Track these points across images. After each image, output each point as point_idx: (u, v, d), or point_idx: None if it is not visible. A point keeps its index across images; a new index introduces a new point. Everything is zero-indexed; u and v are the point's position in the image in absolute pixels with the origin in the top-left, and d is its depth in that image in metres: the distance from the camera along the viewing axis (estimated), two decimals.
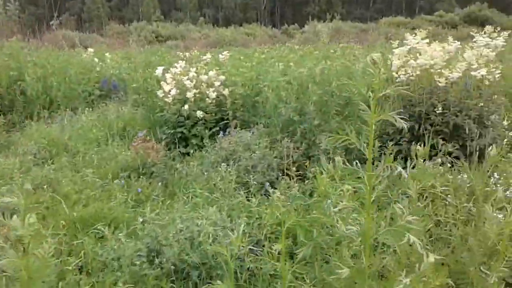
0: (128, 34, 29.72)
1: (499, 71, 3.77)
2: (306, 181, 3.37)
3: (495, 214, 1.67)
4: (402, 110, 3.91)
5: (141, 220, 2.76)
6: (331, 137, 1.54)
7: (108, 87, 8.28)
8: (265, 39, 27.09)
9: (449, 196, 2.92)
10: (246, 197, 3.17)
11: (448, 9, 35.89)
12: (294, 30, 34.44)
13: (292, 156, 3.68)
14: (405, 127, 1.39)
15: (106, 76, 8.47)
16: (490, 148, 2.15)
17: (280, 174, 3.62)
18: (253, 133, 4.10)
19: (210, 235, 2.38)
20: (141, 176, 3.93)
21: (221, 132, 4.45)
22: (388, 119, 1.51)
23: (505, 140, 4.05)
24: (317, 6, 50.71)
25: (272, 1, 57.15)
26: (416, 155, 1.92)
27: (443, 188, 2.81)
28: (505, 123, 4.12)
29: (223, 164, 3.48)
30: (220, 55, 7.14)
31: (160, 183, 3.74)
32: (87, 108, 6.85)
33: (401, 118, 3.79)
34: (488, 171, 2.67)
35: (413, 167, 3.38)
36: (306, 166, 3.66)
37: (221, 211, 2.91)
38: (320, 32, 21.11)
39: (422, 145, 3.76)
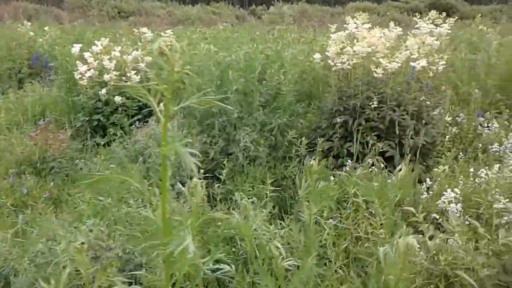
0: (89, 8, 28.73)
1: (444, 62, 3.41)
2: (218, 185, 2.92)
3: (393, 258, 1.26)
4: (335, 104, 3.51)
5: None
6: (92, 181, 1.06)
7: (41, 65, 7.49)
8: (232, 19, 26.50)
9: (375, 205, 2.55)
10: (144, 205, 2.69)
11: None
12: (262, 11, 33.70)
13: (208, 153, 3.22)
14: (195, 169, 0.93)
15: (38, 53, 7.66)
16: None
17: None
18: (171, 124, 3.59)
19: (67, 262, 1.89)
20: (35, 173, 3.38)
21: (137, 122, 3.92)
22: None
23: (447, 137, 3.74)
24: None
25: None
26: (310, 171, 1.49)
27: (365, 198, 2.43)
28: (448, 118, 3.79)
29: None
30: (162, 34, 6.51)
31: (53, 183, 3.20)
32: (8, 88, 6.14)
33: (335, 111, 3.33)
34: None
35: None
36: (224, 165, 3.21)
37: (109, 224, 2.42)
38: (284, 13, 20.69)
39: (355, 141, 3.38)
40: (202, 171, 2.91)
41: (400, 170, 1.90)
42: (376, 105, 3.23)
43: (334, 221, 2.34)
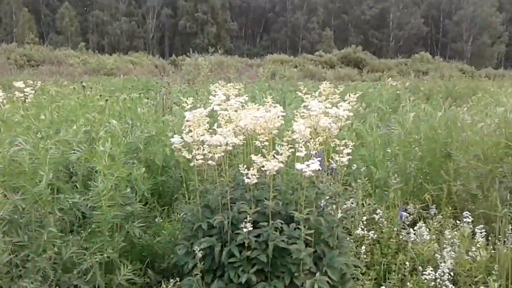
0: None
1: (349, 151, 2.30)
2: None
3: None
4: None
5: None
6: None
7: None
8: (151, 69, 25.57)
9: None
10: None
11: (327, 50, 37.33)
12: (182, 61, 32.97)
13: None
14: None
15: None
16: None
17: None
18: None
19: None
20: None
21: None
22: None
23: (363, 247, 2.66)
24: (205, 38, 50.05)
25: (160, 30, 55.31)
26: None
27: None
28: (359, 231, 2.73)
29: None
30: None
31: None
32: None
33: (197, 227, 2.07)
34: None
35: None
36: None
37: None
38: (200, 65, 20.15)
39: (227, 283, 2.18)
40: None
41: None
42: (250, 227, 2.06)
43: None
